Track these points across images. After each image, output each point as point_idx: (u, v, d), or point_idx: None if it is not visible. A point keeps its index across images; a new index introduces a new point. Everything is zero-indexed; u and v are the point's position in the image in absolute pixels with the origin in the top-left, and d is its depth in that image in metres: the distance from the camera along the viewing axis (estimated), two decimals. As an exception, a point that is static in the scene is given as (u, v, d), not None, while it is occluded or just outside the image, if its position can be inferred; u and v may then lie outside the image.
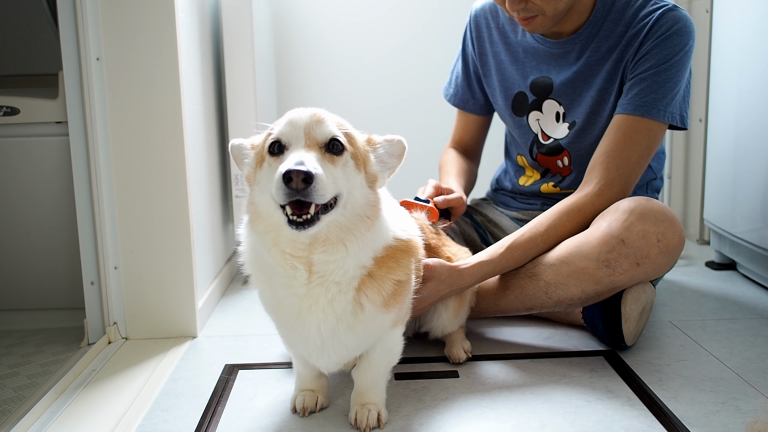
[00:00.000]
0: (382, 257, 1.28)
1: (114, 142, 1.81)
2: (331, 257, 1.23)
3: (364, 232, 1.24)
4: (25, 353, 1.89)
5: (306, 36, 3.07)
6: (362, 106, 3.11)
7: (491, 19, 2.02)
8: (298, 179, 1.10)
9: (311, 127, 1.20)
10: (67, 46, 1.78)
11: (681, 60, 1.74)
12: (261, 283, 1.34)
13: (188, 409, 1.49)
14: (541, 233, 1.71)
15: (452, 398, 1.51)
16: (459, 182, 2.06)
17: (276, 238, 1.23)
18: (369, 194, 1.26)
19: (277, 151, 1.20)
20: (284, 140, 1.20)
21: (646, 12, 1.78)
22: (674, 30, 1.73)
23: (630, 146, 1.72)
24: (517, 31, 1.97)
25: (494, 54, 2.03)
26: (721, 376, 1.59)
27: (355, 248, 1.23)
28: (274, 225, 1.22)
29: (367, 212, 1.25)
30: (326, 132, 1.20)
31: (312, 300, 1.26)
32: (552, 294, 1.69)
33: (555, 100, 1.94)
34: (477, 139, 2.22)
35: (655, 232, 1.61)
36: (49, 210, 2.04)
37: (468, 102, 2.16)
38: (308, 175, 1.10)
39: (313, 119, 1.21)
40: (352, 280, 1.26)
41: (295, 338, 1.32)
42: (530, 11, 1.74)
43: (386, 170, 1.31)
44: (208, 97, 2.21)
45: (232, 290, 2.35)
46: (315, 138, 1.20)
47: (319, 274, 1.24)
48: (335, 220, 1.20)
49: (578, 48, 1.87)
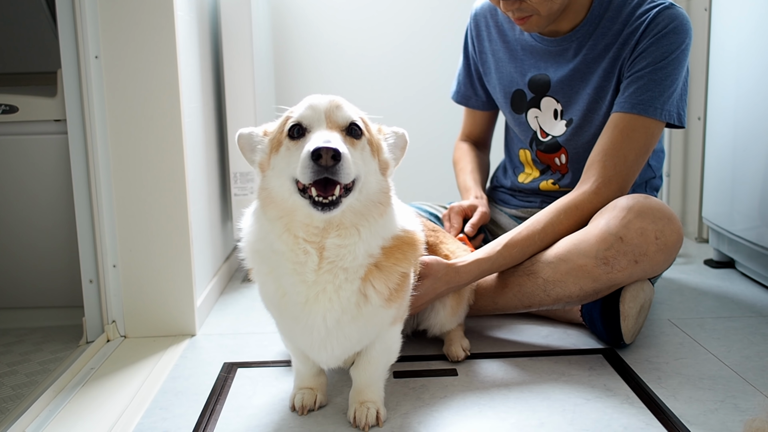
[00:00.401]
0: (389, 247, 1.29)
1: (113, 140, 1.81)
2: (344, 241, 1.24)
3: (377, 217, 1.26)
4: (23, 351, 1.89)
5: (305, 34, 3.07)
6: (361, 105, 3.07)
7: (490, 18, 2.03)
8: (327, 156, 1.12)
9: (332, 111, 1.23)
10: (66, 44, 1.78)
11: (678, 58, 1.74)
12: (263, 275, 1.33)
13: (187, 407, 1.49)
14: (538, 231, 1.71)
15: (451, 396, 1.51)
16: (475, 179, 2.13)
17: (289, 223, 1.24)
18: (382, 181, 1.29)
19: (297, 134, 1.22)
20: (305, 123, 1.22)
21: (643, 10, 1.78)
22: (671, 28, 1.73)
23: (627, 144, 1.72)
24: (515, 29, 1.98)
25: (493, 52, 2.03)
26: (719, 374, 1.59)
27: (367, 233, 1.25)
28: (288, 209, 1.24)
29: (380, 198, 1.27)
30: (346, 116, 1.23)
31: (320, 287, 1.26)
32: (550, 291, 1.70)
33: (553, 98, 1.94)
34: (485, 132, 2.27)
35: (654, 229, 1.61)
36: (48, 208, 2.04)
37: (471, 99, 2.19)
38: (337, 152, 1.12)
39: (332, 104, 1.24)
40: (359, 268, 1.26)
41: (299, 330, 1.31)
42: (525, 11, 1.75)
43: (392, 160, 1.34)
44: (206, 95, 2.21)
45: (231, 288, 2.35)
46: (336, 121, 1.22)
47: (330, 259, 1.25)
48: (351, 205, 1.22)
49: (575, 45, 1.87)
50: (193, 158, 1.98)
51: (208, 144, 2.21)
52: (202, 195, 2.10)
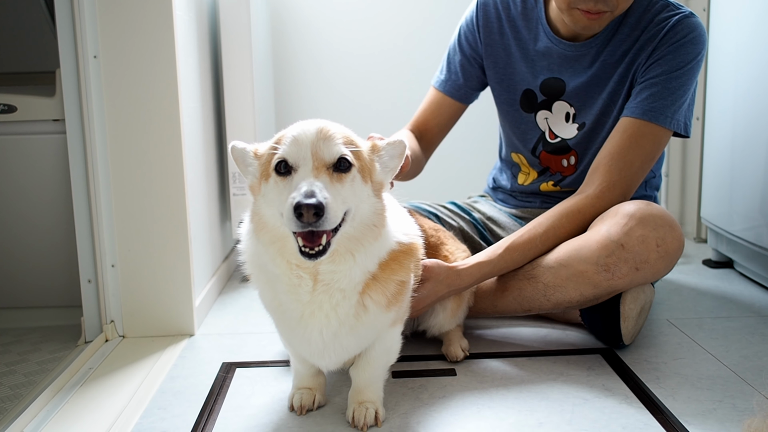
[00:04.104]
0: (386, 261, 1.29)
1: (111, 139, 1.80)
2: (338, 267, 1.23)
3: (372, 241, 1.24)
4: (22, 351, 1.88)
5: (304, 35, 3.07)
6: (360, 105, 3.11)
7: (503, 11, 1.97)
8: (309, 214, 1.10)
9: (318, 147, 1.18)
10: (65, 44, 1.78)
11: (692, 68, 1.74)
12: (262, 284, 1.34)
13: (185, 407, 1.49)
14: (540, 234, 1.71)
15: (450, 396, 1.51)
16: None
17: (281, 249, 1.23)
18: (376, 203, 1.26)
19: (283, 170, 1.19)
20: (291, 161, 1.19)
21: (663, 17, 1.77)
22: (690, 38, 1.73)
23: (634, 150, 1.72)
24: (530, 28, 1.94)
25: (505, 47, 1.99)
26: (718, 374, 1.59)
27: (362, 257, 1.24)
28: (280, 236, 1.22)
29: (375, 221, 1.25)
30: (334, 153, 1.18)
31: (315, 306, 1.26)
32: (550, 296, 1.69)
33: (566, 102, 1.93)
34: (442, 128, 2.10)
35: (655, 237, 1.61)
36: (47, 208, 2.04)
37: (461, 88, 2.05)
38: (319, 208, 1.10)
39: (319, 136, 1.19)
40: (357, 285, 1.26)
41: (296, 341, 1.33)
42: (608, 5, 1.69)
43: (389, 173, 1.31)
44: (205, 95, 2.21)
45: (230, 288, 2.34)
46: (323, 159, 1.18)
47: (325, 282, 1.24)
48: (345, 232, 1.20)
49: (594, 52, 1.85)
50: (192, 158, 1.98)
51: (206, 144, 2.21)
52: (201, 195, 2.10)
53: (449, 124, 2.12)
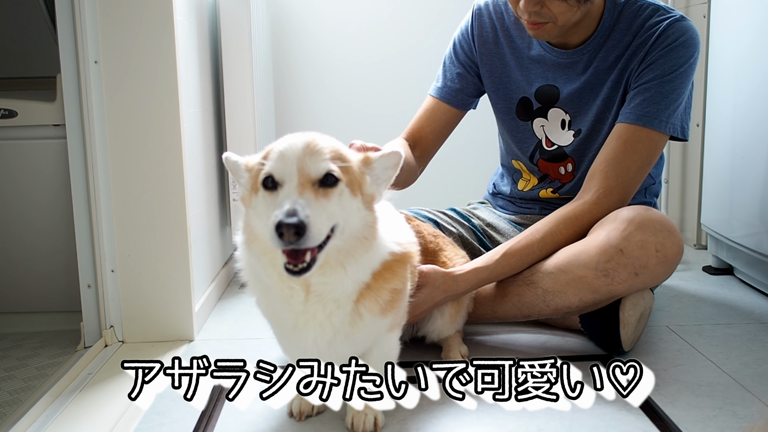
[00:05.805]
0: (379, 271, 1.29)
1: (111, 145, 1.81)
2: (329, 279, 1.23)
3: (362, 253, 1.23)
4: (21, 356, 1.88)
5: (304, 41, 3.07)
6: (360, 112, 3.11)
7: (496, 21, 1.99)
8: (289, 233, 1.08)
9: (304, 162, 1.16)
10: (65, 49, 1.78)
11: (686, 72, 1.74)
12: (258, 291, 1.35)
13: (184, 412, 1.48)
14: (537, 240, 1.71)
15: (449, 402, 1.50)
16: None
17: (273, 260, 1.22)
18: (366, 216, 1.24)
19: (270, 185, 1.18)
20: (277, 177, 1.17)
21: (654, 21, 1.77)
22: (681, 41, 1.73)
23: (630, 156, 1.72)
24: (523, 37, 1.95)
25: (500, 56, 2.00)
26: (718, 381, 1.59)
27: (353, 269, 1.23)
28: (270, 248, 1.21)
29: (365, 233, 1.24)
30: (320, 169, 1.16)
31: (309, 315, 1.26)
32: (550, 302, 1.69)
33: (561, 109, 1.93)
34: (437, 135, 2.06)
35: (654, 242, 1.61)
36: (47, 213, 2.04)
37: (458, 95, 2.04)
38: (300, 227, 1.08)
39: (306, 151, 1.17)
40: (351, 295, 1.26)
41: (291, 348, 1.33)
42: (543, 17, 1.71)
43: (382, 184, 1.28)
44: (206, 101, 2.21)
45: (229, 293, 2.34)
46: (308, 175, 1.16)
47: (317, 293, 1.24)
48: (334, 245, 1.19)
49: (586, 58, 1.86)
50: (192, 163, 1.98)
51: (206, 149, 2.21)
52: (201, 200, 2.11)
53: (445, 132, 2.10)
